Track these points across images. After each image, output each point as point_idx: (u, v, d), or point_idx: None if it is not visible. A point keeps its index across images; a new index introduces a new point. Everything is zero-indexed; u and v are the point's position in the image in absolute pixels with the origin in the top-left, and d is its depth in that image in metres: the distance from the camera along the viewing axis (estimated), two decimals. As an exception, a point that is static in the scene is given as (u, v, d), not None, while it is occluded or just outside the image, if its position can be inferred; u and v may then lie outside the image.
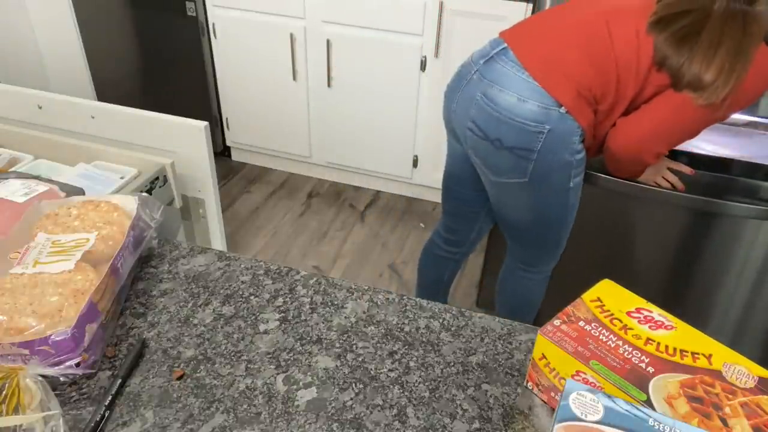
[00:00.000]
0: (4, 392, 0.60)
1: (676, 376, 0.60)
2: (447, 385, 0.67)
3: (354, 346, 0.72)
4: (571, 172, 1.24)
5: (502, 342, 0.73)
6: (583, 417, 0.52)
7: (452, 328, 0.75)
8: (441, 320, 0.76)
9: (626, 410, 0.53)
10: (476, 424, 0.63)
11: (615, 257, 1.73)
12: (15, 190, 0.90)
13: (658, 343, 0.63)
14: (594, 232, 1.70)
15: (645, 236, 1.66)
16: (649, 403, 0.57)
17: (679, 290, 1.71)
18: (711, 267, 1.64)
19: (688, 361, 0.61)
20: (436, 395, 0.66)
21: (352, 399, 0.65)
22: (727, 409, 0.57)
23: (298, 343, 0.72)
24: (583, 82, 1.13)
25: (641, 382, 0.59)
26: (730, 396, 0.58)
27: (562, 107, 1.14)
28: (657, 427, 0.51)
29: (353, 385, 0.67)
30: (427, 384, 0.67)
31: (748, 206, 1.45)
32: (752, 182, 1.48)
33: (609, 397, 0.54)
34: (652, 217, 1.62)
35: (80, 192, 0.95)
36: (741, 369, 0.61)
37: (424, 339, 0.73)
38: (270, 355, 0.70)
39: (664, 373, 0.60)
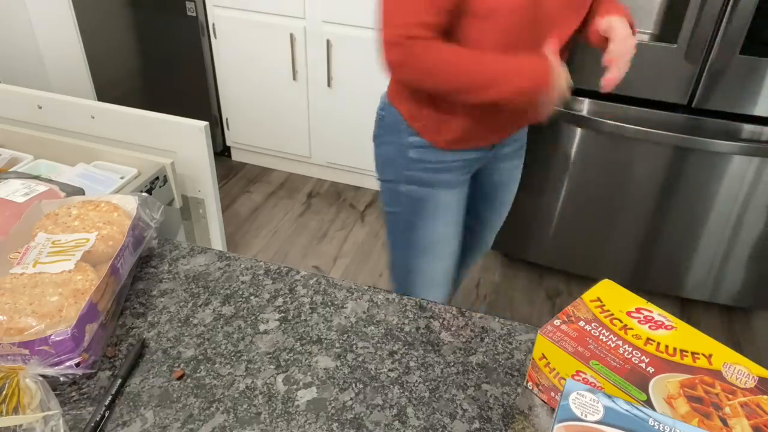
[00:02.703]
0: (4, 392, 0.60)
1: (676, 376, 0.60)
2: (447, 385, 0.67)
3: (354, 346, 0.72)
4: (403, 173, 1.16)
5: (502, 342, 0.73)
6: (583, 417, 0.52)
7: (452, 328, 0.75)
8: (441, 320, 0.76)
9: (626, 410, 0.53)
10: (476, 424, 0.63)
11: (602, 196, 1.87)
12: (15, 190, 0.90)
13: (658, 343, 0.63)
14: (583, 171, 1.84)
15: (630, 174, 1.80)
16: (649, 403, 0.57)
17: (664, 227, 1.85)
18: (695, 203, 1.78)
19: (688, 361, 0.61)
20: (436, 395, 0.66)
21: (352, 399, 0.65)
22: (727, 409, 0.57)
23: (298, 343, 0.72)
24: None
25: (641, 382, 0.59)
26: (730, 396, 0.58)
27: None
28: (657, 427, 0.51)
29: (353, 385, 0.67)
30: (427, 384, 0.67)
31: (731, 143, 1.62)
32: (735, 124, 1.64)
33: (609, 397, 0.54)
34: (637, 155, 1.76)
35: (80, 192, 0.95)
36: (741, 369, 0.61)
37: (424, 339, 0.73)
38: (270, 355, 0.70)
39: (664, 373, 0.60)
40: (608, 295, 0.69)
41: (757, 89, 1.56)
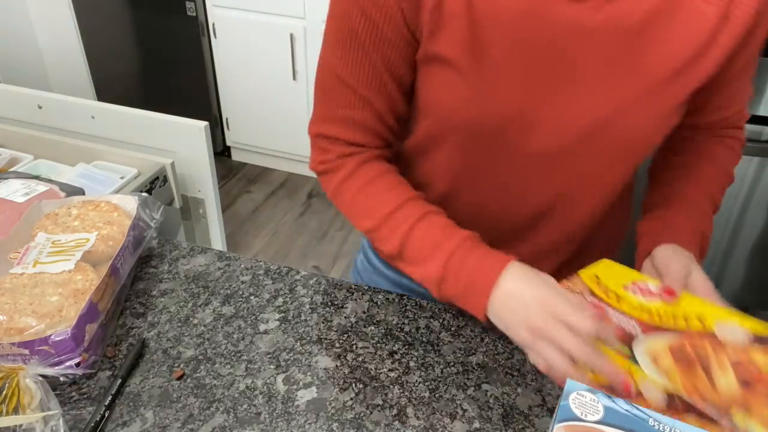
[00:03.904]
0: (4, 392, 0.60)
1: (665, 336, 0.59)
2: (447, 385, 0.67)
3: (354, 346, 0.72)
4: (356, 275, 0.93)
5: (502, 342, 0.73)
6: (583, 417, 0.52)
7: (452, 328, 0.75)
8: (441, 320, 0.76)
9: (626, 410, 0.52)
10: (476, 424, 0.63)
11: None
12: (15, 190, 0.90)
13: (652, 312, 0.62)
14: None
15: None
16: (632, 356, 0.56)
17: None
18: None
19: (680, 324, 0.60)
20: (436, 395, 0.66)
21: (352, 399, 0.65)
22: (713, 361, 0.56)
23: (298, 343, 0.72)
24: None
25: (628, 341, 0.58)
26: (719, 349, 0.57)
27: None
28: (657, 427, 0.51)
29: (353, 385, 0.67)
30: (427, 384, 0.67)
31: None
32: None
33: (609, 397, 0.54)
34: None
35: (80, 192, 0.95)
36: (734, 326, 0.59)
37: (424, 339, 0.73)
38: (270, 355, 0.70)
39: (654, 333, 0.59)
40: (606, 272, 0.67)
41: (757, 89, 1.56)
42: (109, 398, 0.63)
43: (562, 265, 0.76)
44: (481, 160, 0.67)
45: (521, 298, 0.59)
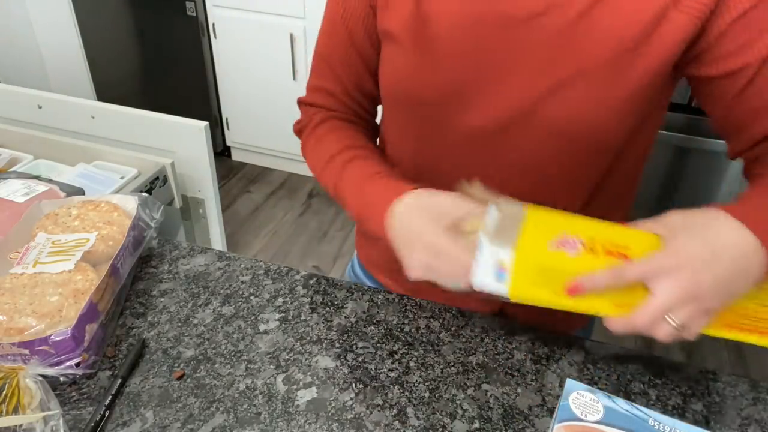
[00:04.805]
0: (4, 392, 0.60)
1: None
2: (447, 385, 0.67)
3: (354, 346, 0.72)
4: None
5: (502, 342, 0.73)
6: (583, 417, 0.52)
7: (452, 328, 0.75)
8: (441, 320, 0.76)
9: (626, 410, 0.53)
10: (476, 424, 0.63)
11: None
12: (15, 190, 0.90)
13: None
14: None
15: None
16: None
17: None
18: (695, 203, 1.82)
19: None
20: (436, 395, 0.66)
21: (352, 399, 0.65)
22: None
23: (298, 343, 0.72)
24: None
25: None
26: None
27: None
28: (657, 427, 0.51)
29: (353, 385, 0.67)
30: (427, 384, 0.67)
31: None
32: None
33: (609, 397, 0.54)
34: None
35: (80, 192, 0.95)
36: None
37: (424, 339, 0.73)
38: (270, 355, 0.70)
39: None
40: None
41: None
42: (109, 398, 0.63)
43: None
44: (425, 133, 0.69)
45: (410, 229, 0.62)
